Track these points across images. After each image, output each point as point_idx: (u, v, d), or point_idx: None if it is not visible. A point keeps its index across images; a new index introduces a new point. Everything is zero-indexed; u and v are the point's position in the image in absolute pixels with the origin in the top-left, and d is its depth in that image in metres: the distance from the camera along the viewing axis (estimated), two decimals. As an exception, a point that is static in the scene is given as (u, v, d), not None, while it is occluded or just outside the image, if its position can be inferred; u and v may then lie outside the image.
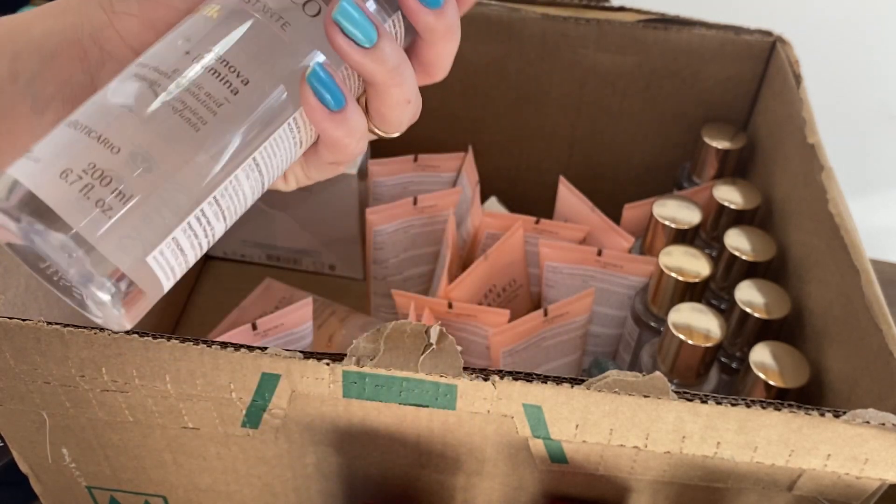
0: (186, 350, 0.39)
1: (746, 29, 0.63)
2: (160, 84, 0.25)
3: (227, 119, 0.26)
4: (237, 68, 0.26)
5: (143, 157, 0.24)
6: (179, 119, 0.25)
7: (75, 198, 0.24)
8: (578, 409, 0.39)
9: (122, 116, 0.25)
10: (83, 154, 0.24)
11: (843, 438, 0.38)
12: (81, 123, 0.25)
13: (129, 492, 0.50)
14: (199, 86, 0.26)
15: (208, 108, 0.25)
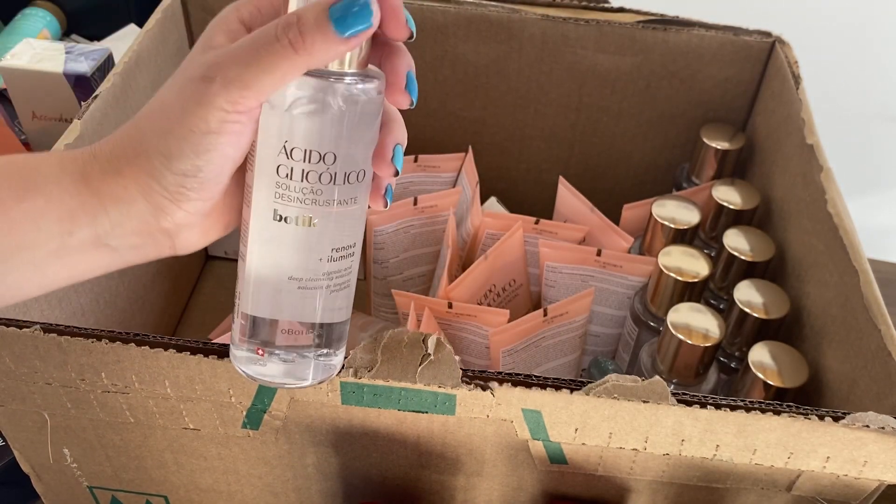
0: (184, 359, 0.39)
1: (745, 30, 0.63)
2: (322, 286, 0.35)
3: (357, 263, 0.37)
4: (348, 244, 0.35)
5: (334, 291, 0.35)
6: (343, 290, 0.36)
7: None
8: (577, 413, 0.39)
9: (315, 315, 0.35)
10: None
11: (843, 441, 0.38)
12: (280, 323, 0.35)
13: (130, 492, 0.50)
14: (340, 270, 0.35)
15: (350, 270, 0.36)
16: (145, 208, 0.32)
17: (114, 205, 0.32)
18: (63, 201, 0.32)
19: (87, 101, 0.51)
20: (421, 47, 0.67)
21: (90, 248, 0.32)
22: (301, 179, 0.32)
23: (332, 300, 0.35)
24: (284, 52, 0.30)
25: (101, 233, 0.32)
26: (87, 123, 0.50)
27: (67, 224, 0.32)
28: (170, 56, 0.63)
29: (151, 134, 0.32)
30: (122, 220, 0.32)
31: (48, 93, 0.64)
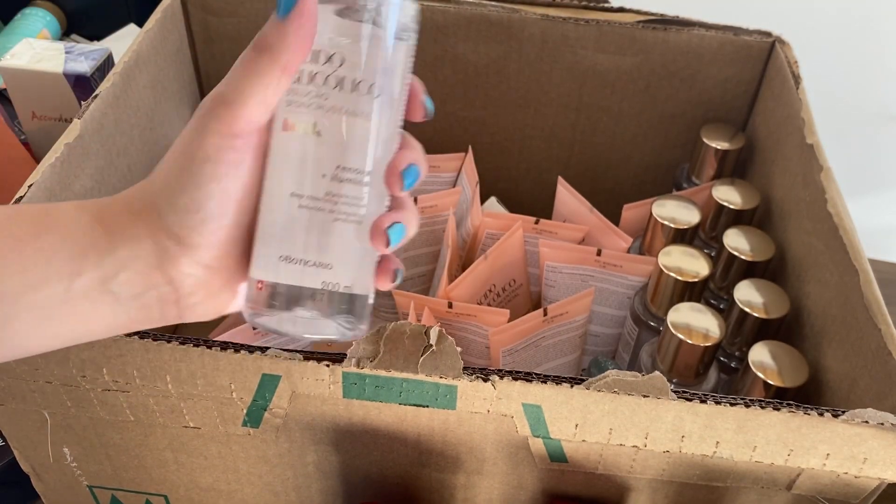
0: (187, 351, 0.39)
1: (745, 29, 0.63)
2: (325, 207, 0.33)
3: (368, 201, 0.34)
4: (359, 168, 0.33)
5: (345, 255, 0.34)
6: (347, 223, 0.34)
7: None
8: (578, 408, 0.39)
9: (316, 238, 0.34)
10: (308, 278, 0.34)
11: (842, 438, 0.38)
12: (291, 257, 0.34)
13: (130, 491, 0.50)
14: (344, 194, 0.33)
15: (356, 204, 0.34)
16: (151, 250, 0.33)
17: (122, 243, 0.32)
18: (76, 239, 0.32)
19: (87, 100, 0.51)
20: (421, 47, 0.66)
21: (96, 293, 0.32)
22: (308, 82, 0.32)
23: (339, 233, 0.33)
24: (253, 59, 0.32)
25: (107, 274, 0.32)
26: (86, 123, 0.50)
27: (77, 262, 0.32)
28: (169, 56, 0.63)
29: (162, 173, 0.33)
30: (128, 260, 0.32)
31: (48, 93, 0.64)
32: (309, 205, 0.33)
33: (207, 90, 0.71)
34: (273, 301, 0.34)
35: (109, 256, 0.32)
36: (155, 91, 0.60)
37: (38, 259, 0.32)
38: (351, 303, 0.34)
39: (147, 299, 0.33)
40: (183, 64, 0.67)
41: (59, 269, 0.32)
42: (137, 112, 0.57)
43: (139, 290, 0.33)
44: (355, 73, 0.32)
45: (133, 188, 0.34)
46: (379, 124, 0.33)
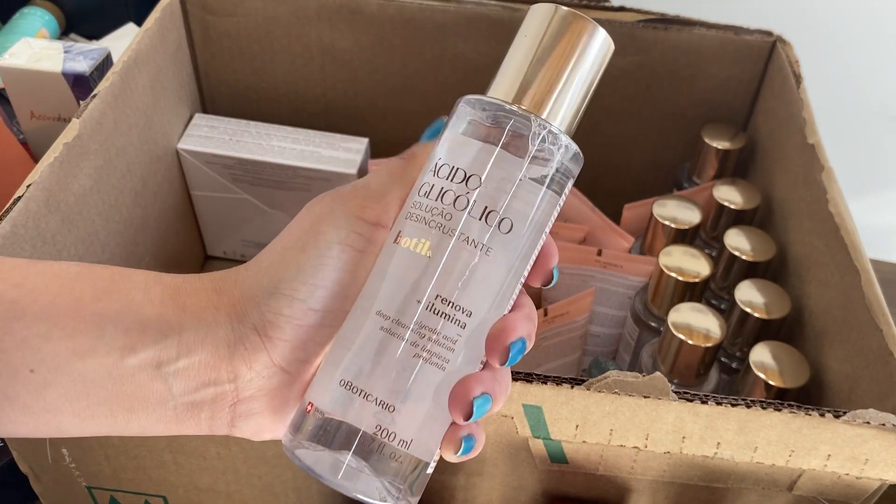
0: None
1: (746, 29, 0.63)
2: (408, 338, 0.29)
3: (462, 351, 0.29)
4: (462, 306, 0.29)
5: (417, 409, 0.29)
6: (428, 365, 0.29)
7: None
8: (578, 409, 0.39)
9: (393, 377, 0.29)
10: (368, 418, 0.29)
11: (843, 439, 0.38)
12: (353, 383, 0.29)
13: (129, 492, 0.50)
14: (438, 331, 0.29)
15: (447, 348, 0.29)
16: (226, 337, 0.29)
17: (194, 325, 0.29)
18: (141, 310, 0.29)
19: (86, 100, 0.51)
20: (421, 47, 0.67)
21: (146, 378, 0.29)
22: (436, 198, 0.29)
23: (417, 375, 0.29)
24: (400, 165, 0.31)
25: (166, 358, 0.29)
26: (85, 123, 0.50)
27: (135, 336, 0.29)
28: (169, 55, 0.63)
29: (268, 257, 0.31)
30: (194, 345, 0.29)
31: (46, 92, 0.64)
32: (392, 329, 0.29)
33: (206, 89, 0.71)
34: (319, 432, 0.29)
35: (174, 337, 0.29)
36: (154, 90, 0.60)
37: (91, 325, 0.29)
38: (407, 465, 0.29)
39: (202, 396, 0.29)
40: (182, 63, 0.66)
41: (113, 341, 0.29)
42: (136, 112, 0.57)
43: (197, 383, 0.29)
44: (490, 201, 0.29)
45: (226, 270, 0.31)
46: (499, 265, 0.29)
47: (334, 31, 0.66)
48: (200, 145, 0.64)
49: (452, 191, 0.29)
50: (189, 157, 0.65)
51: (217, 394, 0.30)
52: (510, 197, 0.29)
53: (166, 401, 0.29)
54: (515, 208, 0.29)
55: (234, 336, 0.29)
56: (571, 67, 0.31)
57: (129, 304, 0.29)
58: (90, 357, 0.28)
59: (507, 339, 0.29)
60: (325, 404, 0.29)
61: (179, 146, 0.64)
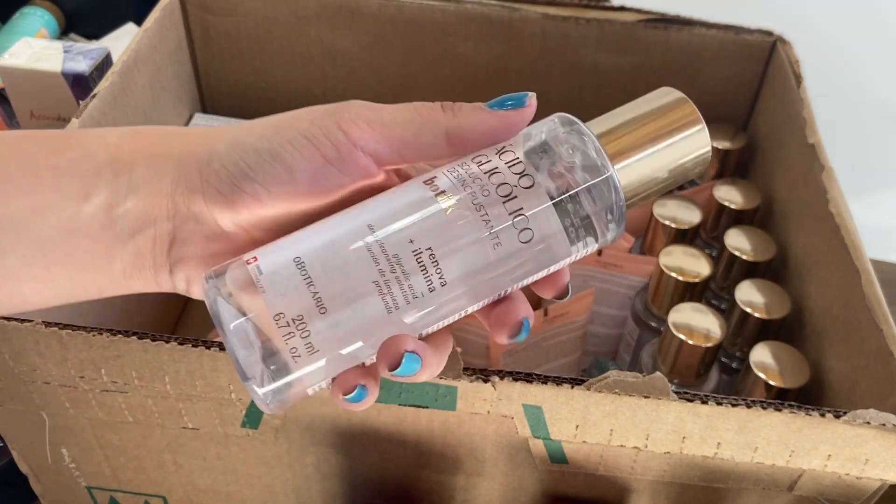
0: (185, 352, 0.39)
1: (747, 29, 0.63)
2: (380, 263, 0.28)
3: (412, 309, 0.29)
4: (443, 272, 0.29)
5: (340, 328, 0.28)
6: (379, 299, 0.28)
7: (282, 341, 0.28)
8: (578, 409, 0.39)
9: (339, 280, 0.28)
10: (298, 305, 0.28)
11: (844, 439, 0.38)
12: (307, 267, 0.28)
13: (128, 492, 0.50)
14: (408, 276, 0.28)
15: (406, 298, 0.29)
16: (171, 174, 0.29)
17: (144, 161, 0.29)
18: (96, 156, 0.29)
19: (86, 100, 0.51)
20: (421, 46, 0.67)
21: (98, 226, 0.29)
22: (486, 173, 0.30)
23: (365, 296, 0.28)
24: (437, 110, 0.30)
25: (117, 198, 0.29)
26: (85, 123, 0.50)
27: (89, 183, 0.29)
28: (168, 55, 0.63)
29: (243, 125, 0.30)
30: (142, 181, 0.29)
31: (46, 92, 0.64)
32: (371, 247, 0.28)
33: (206, 89, 0.71)
34: (245, 286, 0.29)
35: (125, 175, 0.29)
36: (153, 90, 0.60)
37: (47, 179, 0.28)
38: (282, 368, 0.28)
39: (144, 240, 0.29)
40: (181, 63, 0.66)
41: (69, 191, 0.28)
42: (136, 111, 0.57)
43: (141, 222, 0.29)
44: (528, 208, 0.29)
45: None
46: (497, 262, 0.29)
47: (334, 31, 0.66)
48: (200, 145, 0.64)
49: (504, 177, 0.29)
50: (189, 156, 0.65)
51: (157, 235, 0.30)
52: (548, 214, 0.29)
53: (114, 253, 0.29)
54: (545, 230, 0.30)
55: (179, 174, 0.29)
56: (665, 143, 0.31)
57: (85, 152, 0.29)
58: (49, 212, 0.29)
59: (517, 319, 0.31)
60: (268, 267, 0.28)
61: (179, 146, 0.64)
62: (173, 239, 0.30)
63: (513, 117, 0.30)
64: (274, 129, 0.29)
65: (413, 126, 0.30)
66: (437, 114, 0.30)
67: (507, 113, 0.30)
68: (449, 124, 0.30)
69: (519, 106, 0.30)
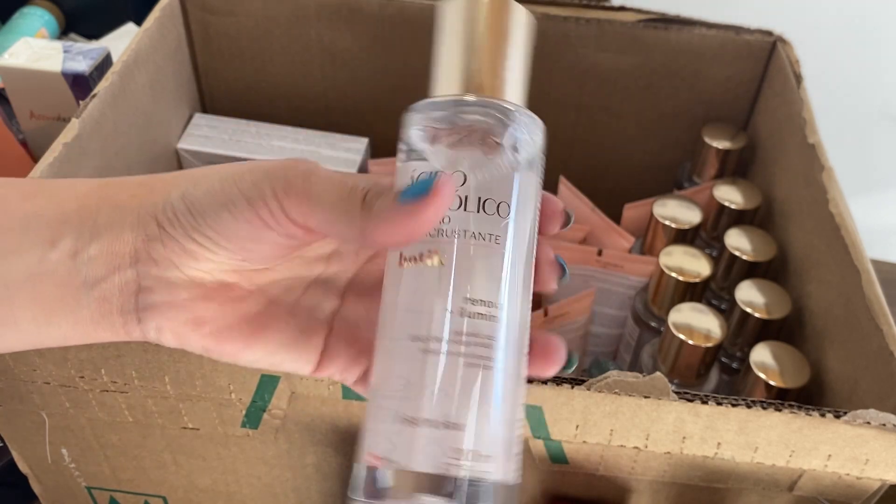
0: (185, 352, 0.39)
1: (747, 29, 0.63)
2: (451, 348, 0.28)
3: (503, 345, 0.28)
4: (489, 300, 0.28)
5: (481, 421, 0.28)
6: (478, 369, 0.28)
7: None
8: (579, 409, 0.39)
9: (446, 398, 0.27)
10: (444, 451, 0.27)
11: (844, 439, 0.38)
12: (422, 419, 0.27)
13: (128, 492, 0.50)
14: (475, 333, 0.28)
15: (488, 346, 0.28)
16: (133, 222, 0.29)
17: (109, 208, 0.29)
18: (64, 204, 0.30)
19: (85, 100, 0.51)
20: (421, 46, 0.66)
21: (63, 271, 0.29)
22: None
23: (469, 380, 0.27)
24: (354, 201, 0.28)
25: (80, 246, 0.29)
26: (84, 122, 0.50)
27: (55, 229, 0.29)
28: (168, 55, 0.63)
29: (188, 177, 0.30)
30: (105, 227, 0.29)
31: (46, 92, 0.64)
32: (430, 347, 0.27)
33: (206, 89, 0.70)
34: (391, 482, 0.27)
35: (89, 222, 0.29)
36: (153, 90, 0.60)
37: (16, 223, 0.29)
38: (493, 491, 0.27)
39: (110, 287, 0.29)
40: (181, 63, 0.66)
41: (36, 236, 0.29)
42: (136, 112, 0.57)
43: (105, 270, 0.29)
44: (482, 191, 0.28)
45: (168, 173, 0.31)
46: (511, 250, 0.29)
47: (334, 31, 0.66)
48: (200, 145, 0.64)
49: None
50: (189, 156, 0.65)
51: (122, 282, 0.29)
52: (498, 181, 0.29)
53: (80, 298, 0.29)
54: (506, 191, 0.29)
55: (138, 221, 0.29)
56: (509, 45, 0.31)
57: (54, 198, 0.30)
58: (14, 255, 0.29)
59: (551, 257, 0.31)
60: (391, 449, 0.27)
61: (179, 146, 0.64)
62: (138, 286, 0.30)
63: (419, 210, 0.27)
64: (220, 184, 0.29)
65: (334, 213, 0.28)
66: (355, 208, 0.28)
67: (410, 207, 0.27)
68: (363, 224, 0.28)
69: (420, 194, 0.27)
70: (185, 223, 0.29)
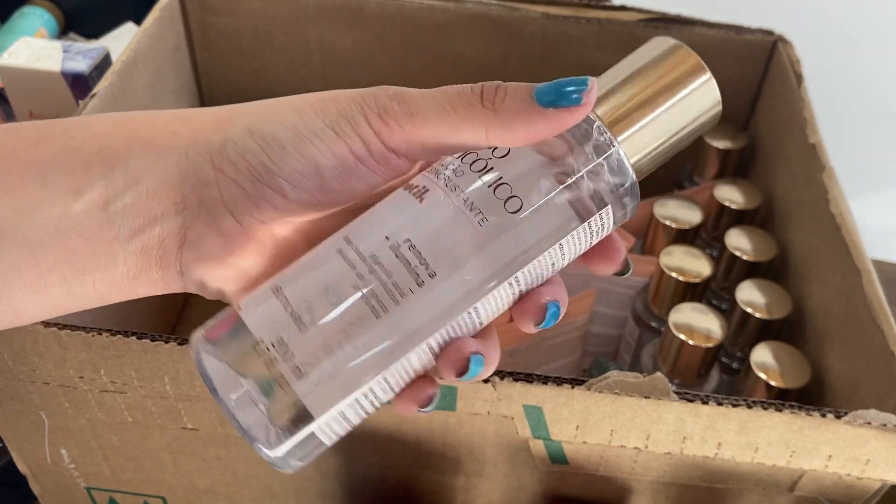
0: (185, 352, 0.39)
1: (747, 28, 0.63)
2: (356, 267, 0.26)
3: (407, 309, 0.27)
4: (427, 261, 0.27)
5: (326, 341, 0.26)
6: (365, 305, 0.26)
7: (262, 370, 0.26)
8: (579, 410, 0.39)
9: (318, 297, 0.26)
10: (276, 328, 0.26)
11: (845, 439, 0.38)
12: (283, 294, 0.27)
13: (128, 492, 0.49)
14: (390, 273, 0.26)
15: (392, 297, 0.26)
16: (177, 162, 0.26)
17: (141, 148, 0.26)
18: (83, 147, 0.26)
19: (85, 100, 0.51)
20: (421, 46, 0.66)
21: (94, 223, 0.26)
22: (460, 158, 0.28)
23: (347, 301, 0.26)
24: (473, 101, 0.26)
25: (111, 194, 0.26)
26: (84, 122, 0.50)
27: (79, 178, 0.26)
28: (168, 54, 0.63)
29: (260, 106, 0.27)
30: (141, 172, 0.26)
31: (45, 91, 0.64)
32: (345, 253, 0.27)
33: (206, 89, 0.70)
34: (231, 335, 0.27)
35: (120, 168, 0.26)
36: (153, 90, 0.60)
37: (30, 175, 0.26)
38: (295, 413, 0.27)
39: (149, 238, 0.27)
40: (181, 63, 0.66)
41: (56, 187, 0.26)
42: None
43: (144, 220, 0.26)
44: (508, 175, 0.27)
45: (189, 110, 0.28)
46: (489, 243, 0.27)
47: (334, 31, 0.66)
48: (200, 145, 0.64)
49: (478, 154, 0.28)
50: (188, 156, 0.64)
51: (164, 232, 0.27)
52: (532, 180, 0.27)
53: (116, 253, 0.27)
54: (535, 197, 0.27)
55: (187, 163, 0.26)
56: (668, 102, 0.28)
57: (71, 142, 0.26)
58: (35, 212, 0.26)
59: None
60: (246, 304, 0.27)
61: (179, 146, 0.64)
62: (184, 237, 0.27)
63: (566, 119, 0.26)
64: (297, 116, 0.27)
65: (448, 124, 0.26)
66: (476, 109, 0.26)
67: (559, 114, 0.26)
68: (489, 124, 0.26)
69: (574, 104, 0.26)
70: (255, 165, 0.26)
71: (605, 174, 0.28)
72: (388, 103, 0.27)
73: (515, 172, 0.27)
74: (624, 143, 0.28)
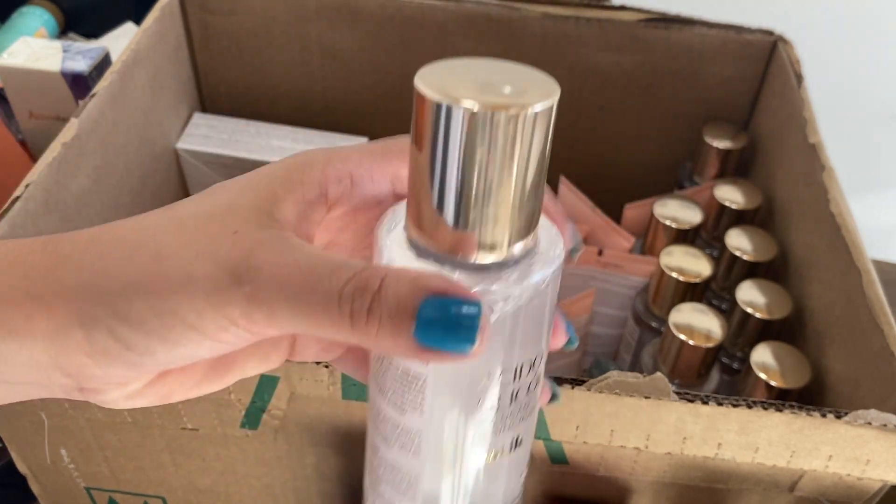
0: (185, 351, 0.39)
1: (748, 28, 0.63)
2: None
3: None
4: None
5: None
6: None
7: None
8: (579, 410, 0.39)
9: None
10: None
11: (845, 439, 0.38)
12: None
13: (128, 493, 0.49)
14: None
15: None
16: (45, 349, 0.24)
17: (11, 336, 0.24)
18: None
19: (85, 99, 0.51)
20: (421, 46, 0.66)
21: None
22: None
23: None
24: (338, 320, 0.22)
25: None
26: (84, 122, 0.50)
27: None
28: (168, 54, 0.63)
29: (120, 279, 0.24)
30: (15, 353, 0.24)
31: (45, 91, 0.64)
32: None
33: (206, 88, 0.70)
34: None
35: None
36: (153, 90, 0.60)
37: None
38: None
39: (33, 389, 0.26)
40: (181, 62, 0.66)
41: None
42: (135, 111, 0.57)
43: (24, 381, 0.25)
44: None
45: (64, 255, 0.26)
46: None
47: (334, 30, 0.66)
48: (199, 145, 0.64)
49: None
50: (188, 156, 0.64)
51: (54, 388, 0.25)
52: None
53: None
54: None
55: (56, 352, 0.24)
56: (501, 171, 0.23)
57: None
58: None
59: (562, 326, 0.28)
60: None
61: (178, 146, 0.64)
62: (81, 387, 0.26)
63: (450, 361, 0.22)
64: (156, 282, 0.24)
65: (309, 330, 0.23)
66: (344, 329, 0.22)
67: (442, 356, 0.22)
68: (359, 341, 0.22)
69: (461, 353, 0.22)
70: (125, 360, 0.24)
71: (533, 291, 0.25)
72: (248, 306, 0.23)
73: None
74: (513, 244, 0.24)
